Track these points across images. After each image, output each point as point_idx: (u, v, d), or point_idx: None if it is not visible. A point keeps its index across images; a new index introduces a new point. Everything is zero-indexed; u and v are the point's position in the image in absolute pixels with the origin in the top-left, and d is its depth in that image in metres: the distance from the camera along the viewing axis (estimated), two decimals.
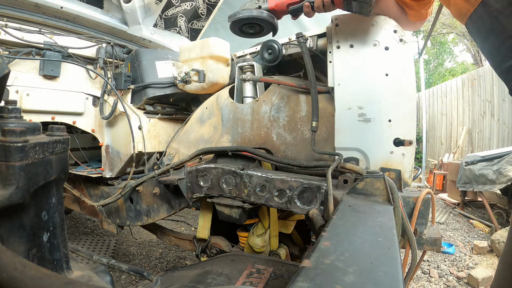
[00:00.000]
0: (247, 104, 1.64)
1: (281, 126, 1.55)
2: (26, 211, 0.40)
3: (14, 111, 0.44)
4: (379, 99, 1.30)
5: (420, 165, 7.46)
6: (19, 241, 0.39)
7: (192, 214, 3.99)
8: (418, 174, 1.53)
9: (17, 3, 1.78)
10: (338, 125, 1.36)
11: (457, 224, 4.21)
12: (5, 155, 0.36)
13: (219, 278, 1.05)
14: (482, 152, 4.51)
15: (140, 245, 3.06)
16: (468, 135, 7.46)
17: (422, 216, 1.12)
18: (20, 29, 1.66)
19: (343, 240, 0.67)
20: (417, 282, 2.68)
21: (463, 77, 7.89)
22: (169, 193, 1.70)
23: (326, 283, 0.49)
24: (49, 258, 0.44)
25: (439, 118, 9.14)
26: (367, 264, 0.57)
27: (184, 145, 1.82)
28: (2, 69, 0.49)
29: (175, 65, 1.97)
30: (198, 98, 2.11)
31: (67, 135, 0.47)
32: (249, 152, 1.44)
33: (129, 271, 0.57)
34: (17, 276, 0.28)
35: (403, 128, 1.29)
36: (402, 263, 0.81)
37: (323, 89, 1.48)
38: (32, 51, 1.68)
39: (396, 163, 1.29)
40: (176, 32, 2.79)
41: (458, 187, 4.39)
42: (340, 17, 1.36)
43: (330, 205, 1.06)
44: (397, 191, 1.03)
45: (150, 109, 2.05)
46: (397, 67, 1.30)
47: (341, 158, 1.27)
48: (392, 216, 0.90)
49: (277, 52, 1.59)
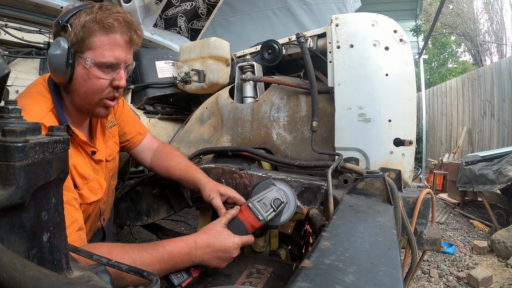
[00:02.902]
0: (247, 104, 1.64)
1: (281, 126, 1.55)
2: (26, 211, 0.40)
3: (14, 111, 0.44)
4: (379, 99, 1.30)
5: (420, 165, 7.45)
6: (19, 241, 0.39)
7: (192, 214, 3.99)
8: (418, 174, 1.53)
9: (17, 3, 1.78)
10: (338, 125, 1.36)
11: (457, 224, 4.21)
12: (5, 155, 0.36)
13: (219, 278, 1.05)
14: (482, 152, 4.51)
15: None
16: (468, 135, 7.46)
17: (422, 216, 1.12)
18: (20, 29, 1.66)
19: (343, 240, 0.67)
20: (417, 282, 2.68)
21: (463, 77, 7.90)
22: (169, 193, 1.71)
23: (326, 283, 0.49)
24: (49, 258, 0.44)
25: (439, 118, 9.14)
26: (367, 264, 0.57)
27: (184, 145, 1.82)
28: (2, 69, 0.49)
29: (175, 65, 1.97)
30: (198, 98, 2.11)
31: (67, 135, 0.47)
32: (249, 152, 1.44)
33: (129, 271, 0.57)
34: (17, 276, 0.28)
35: (403, 128, 1.29)
36: (402, 263, 0.81)
37: (323, 89, 1.48)
38: (32, 51, 1.68)
39: (396, 163, 1.30)
40: (176, 32, 2.79)
41: (458, 187, 4.39)
42: (340, 17, 1.36)
43: (330, 205, 1.06)
44: (397, 191, 1.02)
45: (150, 109, 2.05)
46: (397, 67, 1.30)
47: (341, 158, 1.27)
48: (392, 216, 0.90)
49: (277, 52, 1.59)
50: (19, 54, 1.62)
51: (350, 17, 1.34)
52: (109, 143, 1.27)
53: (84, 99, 1.03)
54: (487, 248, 3.26)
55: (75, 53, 0.97)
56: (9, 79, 1.25)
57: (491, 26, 11.47)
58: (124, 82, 1.05)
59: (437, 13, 5.77)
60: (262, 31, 4.14)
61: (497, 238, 3.17)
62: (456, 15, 11.41)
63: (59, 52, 0.94)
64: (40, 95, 1.02)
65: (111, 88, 1.04)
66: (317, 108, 1.39)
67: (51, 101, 1.02)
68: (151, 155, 1.45)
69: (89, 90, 1.01)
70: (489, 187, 3.76)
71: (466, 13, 11.25)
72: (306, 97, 1.52)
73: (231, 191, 1.18)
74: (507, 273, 2.80)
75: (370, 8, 6.36)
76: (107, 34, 0.97)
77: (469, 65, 13.33)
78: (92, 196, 1.10)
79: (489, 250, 3.26)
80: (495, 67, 6.59)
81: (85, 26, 0.94)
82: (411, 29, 10.13)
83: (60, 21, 0.96)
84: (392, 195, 1.02)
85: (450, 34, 12.66)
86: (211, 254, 0.95)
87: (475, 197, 4.60)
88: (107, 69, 1.01)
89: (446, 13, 11.38)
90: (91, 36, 0.96)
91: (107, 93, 1.04)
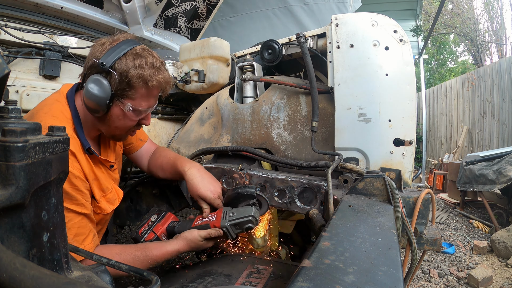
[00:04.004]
0: (247, 104, 1.64)
1: (281, 126, 1.55)
2: (26, 211, 0.40)
3: (14, 111, 0.44)
4: (379, 99, 1.30)
5: (420, 165, 7.46)
6: (19, 241, 0.39)
7: (192, 213, 3.99)
8: (418, 174, 1.53)
9: (17, 3, 1.78)
10: (338, 125, 1.36)
11: (457, 224, 4.21)
12: (5, 155, 0.36)
13: (219, 278, 1.05)
14: (482, 152, 4.51)
15: None
16: (468, 135, 7.46)
17: (422, 216, 1.12)
18: (20, 29, 1.66)
19: (343, 240, 0.67)
20: (417, 282, 2.68)
21: (463, 77, 7.90)
22: (169, 193, 1.71)
23: (326, 283, 0.49)
24: (49, 258, 0.44)
25: (439, 118, 9.14)
26: (367, 264, 0.57)
27: (184, 145, 1.82)
28: (2, 69, 0.49)
29: (175, 65, 1.97)
30: (198, 98, 2.11)
31: (67, 135, 0.47)
32: (249, 152, 1.44)
33: (129, 271, 0.57)
34: (17, 276, 0.28)
35: (403, 128, 1.29)
36: (402, 263, 0.82)
37: (323, 89, 1.48)
38: (32, 51, 1.67)
39: (396, 163, 1.29)
40: (176, 32, 2.79)
41: (458, 187, 4.38)
42: (340, 17, 1.36)
43: (330, 205, 1.06)
44: (397, 191, 1.02)
45: None
46: (397, 67, 1.30)
47: (341, 158, 1.27)
48: (392, 216, 0.90)
49: (277, 52, 1.59)
50: (19, 54, 1.62)
51: (350, 17, 1.34)
52: (116, 147, 1.34)
53: (113, 130, 1.13)
54: (487, 248, 3.26)
55: (115, 97, 1.04)
56: (9, 79, 1.25)
57: (491, 26, 11.47)
58: (150, 122, 1.19)
59: (437, 13, 5.77)
60: (262, 31, 4.14)
61: (497, 238, 3.17)
62: (456, 15, 11.41)
63: (102, 94, 1.01)
64: (62, 115, 1.06)
65: (137, 125, 1.15)
66: (317, 108, 1.39)
67: (72, 121, 1.07)
68: (148, 160, 1.50)
69: (120, 126, 1.11)
70: (489, 187, 3.76)
71: (466, 13, 11.25)
72: (306, 97, 1.52)
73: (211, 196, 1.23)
74: (507, 273, 2.80)
75: (370, 8, 6.36)
76: (148, 90, 1.06)
77: (469, 65, 13.33)
78: (109, 207, 1.17)
79: (489, 250, 3.26)
80: (495, 67, 6.59)
81: (131, 80, 1.01)
82: (411, 29, 10.12)
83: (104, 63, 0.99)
84: (392, 195, 1.02)
85: (449, 33, 12.66)
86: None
87: (475, 197, 4.59)
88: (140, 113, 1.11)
89: (446, 13, 11.38)
90: (134, 89, 1.04)
91: (133, 129, 1.17)
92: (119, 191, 1.26)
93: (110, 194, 1.19)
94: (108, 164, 1.21)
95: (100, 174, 1.15)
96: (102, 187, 1.15)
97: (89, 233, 1.03)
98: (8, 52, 1.60)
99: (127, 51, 1.02)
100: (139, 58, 1.03)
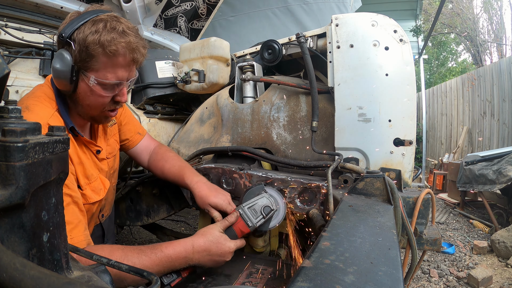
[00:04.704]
0: (247, 104, 1.64)
1: (281, 126, 1.55)
2: (26, 211, 0.40)
3: (14, 111, 0.44)
4: (379, 99, 1.30)
5: (420, 165, 7.46)
6: (19, 241, 0.39)
7: (192, 214, 3.99)
8: (418, 174, 1.53)
9: (17, 3, 1.78)
10: (338, 125, 1.36)
11: (457, 224, 4.21)
12: (5, 155, 0.36)
13: (219, 278, 1.05)
14: (482, 152, 4.51)
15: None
16: (468, 135, 7.46)
17: (422, 216, 1.12)
18: (20, 29, 1.66)
19: (343, 240, 0.67)
20: (417, 282, 2.68)
21: (463, 77, 7.90)
22: (169, 193, 1.71)
23: (326, 283, 0.49)
24: (49, 258, 0.44)
25: (439, 118, 9.14)
26: (367, 264, 0.57)
27: (184, 145, 1.82)
28: (2, 69, 0.49)
29: (175, 65, 1.97)
30: (198, 98, 2.11)
31: (67, 135, 0.47)
32: (249, 152, 1.44)
33: (129, 271, 0.57)
34: (17, 276, 0.28)
35: (403, 128, 1.29)
36: (402, 263, 0.82)
37: (323, 89, 1.48)
38: (32, 51, 1.67)
39: (396, 163, 1.29)
40: (176, 32, 2.79)
41: (458, 187, 4.38)
42: (340, 17, 1.36)
43: (330, 205, 1.06)
44: (397, 191, 1.02)
45: (150, 109, 2.05)
46: (397, 67, 1.30)
47: (341, 158, 1.27)
48: (392, 216, 0.90)
49: (277, 52, 1.59)
50: (19, 54, 1.62)
51: (350, 17, 1.34)
52: (110, 141, 1.29)
53: (86, 109, 1.06)
54: (487, 248, 3.26)
55: (79, 70, 0.97)
56: (9, 79, 1.25)
57: (490, 26, 11.47)
58: (126, 98, 1.08)
59: (437, 13, 5.77)
60: (262, 31, 4.14)
61: (497, 238, 3.17)
62: (455, 15, 11.41)
63: (64, 67, 0.95)
64: (45, 96, 1.03)
65: (113, 102, 1.07)
66: (317, 108, 1.39)
67: (55, 102, 1.04)
68: (148, 156, 1.47)
69: (92, 104, 1.03)
70: (489, 187, 3.76)
71: (465, 13, 11.25)
72: (306, 97, 1.52)
73: (222, 202, 1.16)
74: (507, 273, 2.80)
75: (370, 8, 6.36)
76: (109, 57, 0.96)
77: (468, 64, 13.33)
78: (94, 196, 1.11)
79: (489, 250, 3.26)
80: (495, 67, 6.59)
81: (88, 47, 0.93)
82: (411, 29, 10.12)
83: (63, 34, 0.94)
84: (392, 195, 1.02)
85: (449, 33, 12.66)
86: (207, 258, 0.98)
87: (475, 197, 4.60)
88: (110, 87, 1.02)
89: (446, 12, 11.37)
90: (94, 58, 0.95)
91: (109, 107, 1.07)
92: (105, 181, 1.19)
93: (95, 182, 1.12)
94: (94, 148, 1.15)
95: (85, 159, 1.09)
96: (87, 174, 1.09)
97: (79, 224, 0.94)
98: (8, 52, 1.60)
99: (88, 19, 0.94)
100: (98, 23, 0.93)
